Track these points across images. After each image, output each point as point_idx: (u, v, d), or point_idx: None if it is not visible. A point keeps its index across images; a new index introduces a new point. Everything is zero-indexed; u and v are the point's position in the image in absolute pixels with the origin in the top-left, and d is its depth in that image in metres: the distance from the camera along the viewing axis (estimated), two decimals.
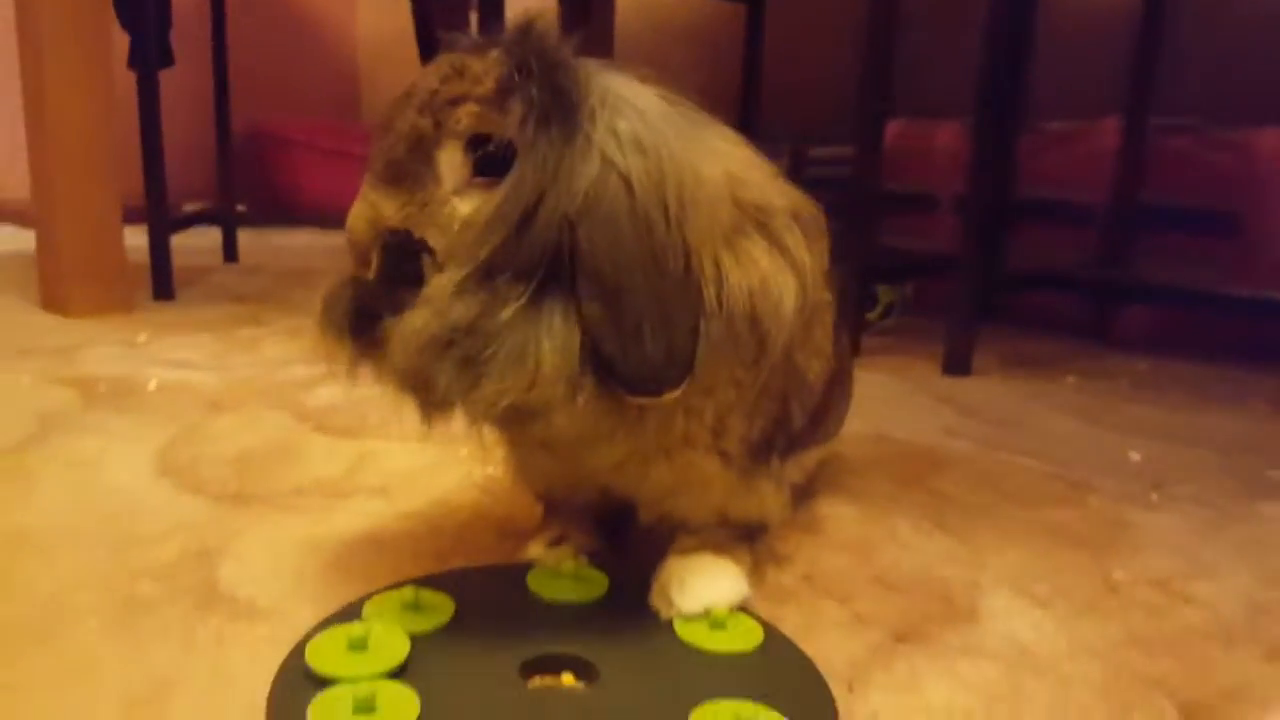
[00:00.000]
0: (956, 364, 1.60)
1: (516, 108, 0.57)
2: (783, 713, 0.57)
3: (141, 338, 1.61)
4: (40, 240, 1.81)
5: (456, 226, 0.60)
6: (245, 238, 2.57)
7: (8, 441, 1.08)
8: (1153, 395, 1.52)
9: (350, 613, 0.67)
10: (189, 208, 2.59)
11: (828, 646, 0.70)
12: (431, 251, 0.60)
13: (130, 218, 1.83)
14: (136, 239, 1.88)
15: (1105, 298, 1.95)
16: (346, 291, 0.63)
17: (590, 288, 0.57)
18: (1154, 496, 1.06)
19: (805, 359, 0.72)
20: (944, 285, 1.67)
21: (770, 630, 0.69)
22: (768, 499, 0.76)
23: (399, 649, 0.61)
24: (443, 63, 0.61)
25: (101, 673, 0.65)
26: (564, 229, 0.56)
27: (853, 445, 1.16)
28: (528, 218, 0.57)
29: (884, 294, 1.87)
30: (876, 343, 1.77)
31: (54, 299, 1.79)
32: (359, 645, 0.61)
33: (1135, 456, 1.20)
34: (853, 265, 1.61)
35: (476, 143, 0.59)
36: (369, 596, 0.69)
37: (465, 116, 0.59)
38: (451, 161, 0.60)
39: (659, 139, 0.59)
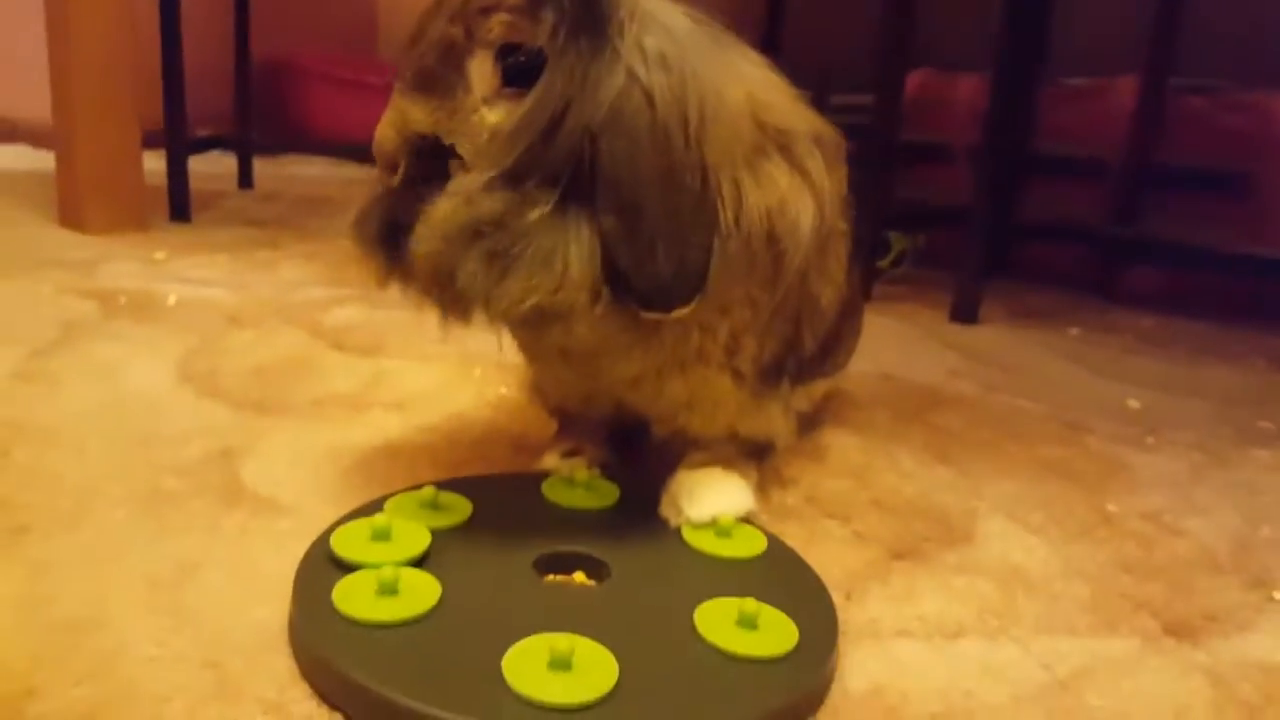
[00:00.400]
0: (964, 312, 1.62)
1: (547, 17, 0.58)
2: (784, 612, 0.60)
3: (159, 255, 1.63)
4: (59, 157, 1.82)
5: (485, 134, 0.61)
6: (260, 166, 2.57)
7: (33, 345, 1.10)
8: (1154, 349, 1.54)
9: (372, 509, 0.69)
10: (205, 134, 2.60)
11: (827, 560, 0.73)
12: (459, 157, 0.62)
13: (147, 143, 1.84)
14: (154, 164, 1.89)
15: (1113, 254, 1.96)
16: (377, 206, 0.65)
17: (608, 200, 0.58)
18: (1150, 440, 1.08)
19: (819, 284, 0.74)
20: (956, 238, 1.68)
21: (774, 540, 0.72)
22: (776, 420, 0.78)
23: (420, 540, 0.64)
24: None
25: (129, 556, 0.67)
26: (587, 139, 0.58)
27: (859, 383, 1.19)
28: (554, 126, 0.58)
29: (896, 242, 1.88)
30: (887, 290, 1.78)
31: (72, 216, 1.80)
32: (382, 535, 0.64)
33: (1134, 404, 1.22)
34: (868, 212, 1.62)
35: (506, 51, 0.60)
36: (390, 495, 0.72)
37: (497, 25, 0.59)
38: (481, 70, 0.61)
39: (683, 56, 0.60)
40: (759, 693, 0.54)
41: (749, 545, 0.70)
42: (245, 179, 2.56)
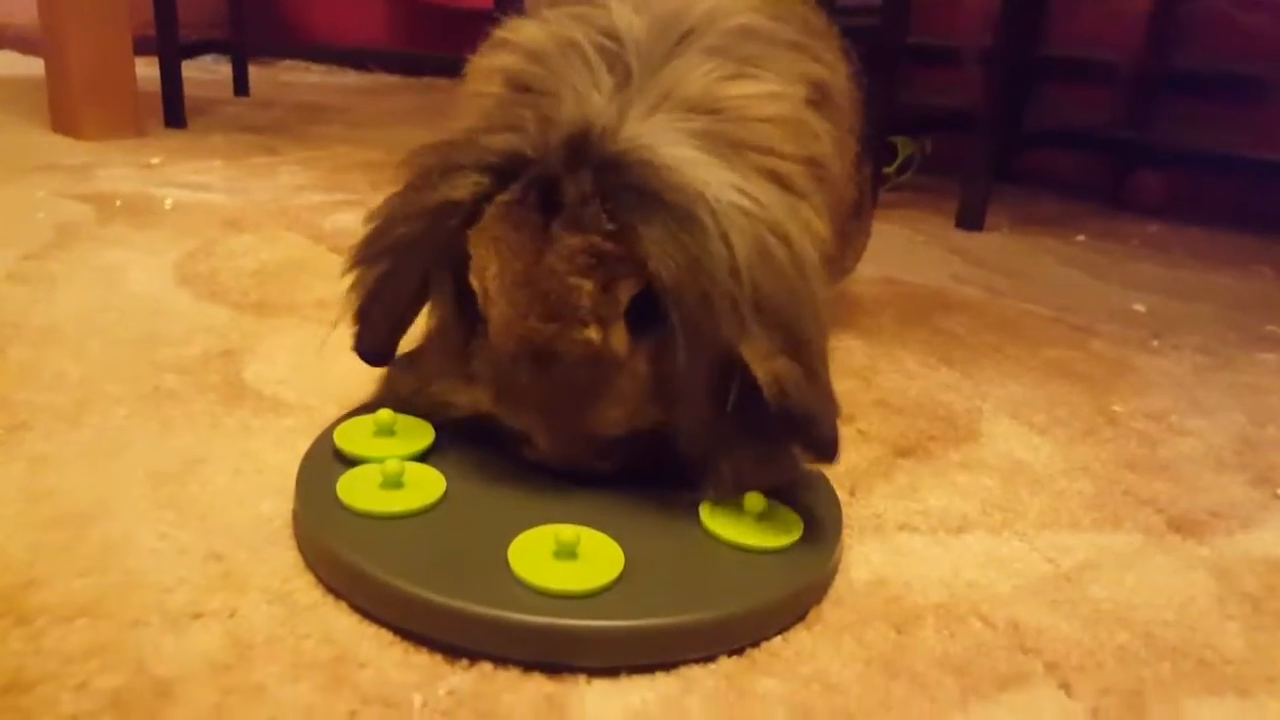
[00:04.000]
0: (970, 219, 1.60)
1: (648, 247, 0.53)
2: (789, 507, 0.60)
3: (155, 160, 1.60)
4: (49, 62, 1.78)
5: (650, 385, 0.57)
6: (256, 73, 2.52)
7: (29, 248, 1.09)
8: (1160, 255, 1.53)
9: (375, 406, 0.69)
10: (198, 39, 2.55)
11: None
12: (660, 423, 0.58)
13: (140, 48, 1.80)
14: (148, 71, 1.85)
15: (1122, 159, 1.93)
16: None
17: (775, 342, 0.53)
18: (1155, 343, 1.07)
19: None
20: (962, 143, 1.65)
21: None
22: None
23: (424, 435, 0.64)
24: (563, 252, 0.54)
25: (131, 452, 0.67)
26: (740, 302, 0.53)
27: (864, 287, 1.18)
28: (711, 325, 0.53)
29: (902, 147, 1.85)
30: (892, 197, 1.76)
31: (64, 121, 1.77)
32: (386, 431, 0.63)
33: (1139, 308, 1.21)
34: (873, 116, 1.59)
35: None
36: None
37: (623, 295, 0.55)
38: (620, 340, 0.56)
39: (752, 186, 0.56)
40: (764, 581, 0.54)
41: None
42: (241, 86, 2.52)
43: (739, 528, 0.57)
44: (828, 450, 0.56)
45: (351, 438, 0.63)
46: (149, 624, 0.50)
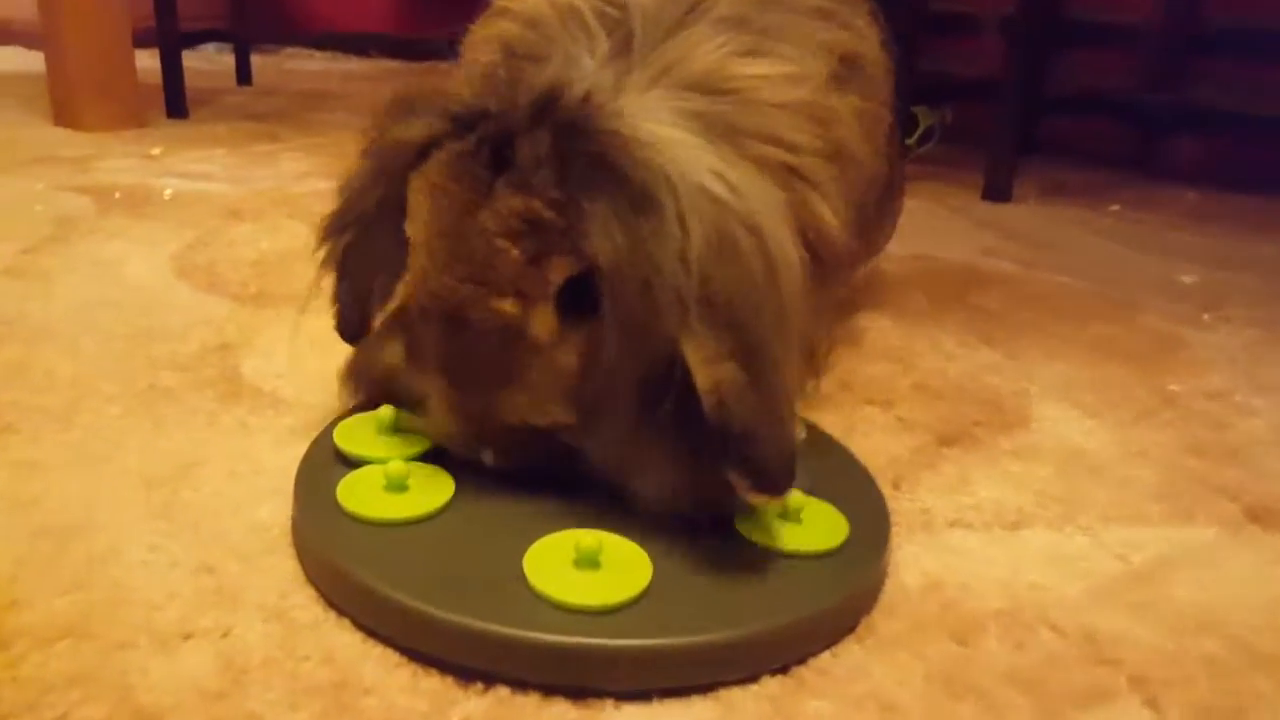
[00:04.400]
0: (996, 190, 1.54)
1: (594, 226, 0.47)
2: (830, 503, 0.55)
3: (156, 151, 1.56)
4: (49, 54, 1.74)
5: (572, 383, 0.51)
6: (259, 62, 2.48)
7: (25, 242, 1.04)
8: (1201, 224, 1.46)
9: (376, 404, 0.64)
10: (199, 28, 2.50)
11: (870, 448, 0.68)
12: (568, 427, 0.53)
13: (141, 41, 1.76)
14: (150, 63, 1.81)
15: (1153, 125, 1.86)
16: None
17: (724, 344, 0.46)
18: (1205, 317, 1.01)
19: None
20: (985, 111, 1.59)
21: (811, 427, 0.66)
22: (818, 324, 0.73)
23: None
24: (499, 211, 0.48)
25: (122, 455, 0.63)
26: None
27: (892, 263, 1.12)
28: (650, 324, 0.47)
29: (923, 118, 1.79)
30: (914, 169, 1.70)
31: (65, 114, 1.73)
32: (388, 429, 0.58)
33: (1186, 279, 1.15)
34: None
35: (566, 285, 0.50)
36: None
37: (556, 274, 0.49)
38: (545, 324, 0.50)
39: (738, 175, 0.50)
40: (809, 590, 0.49)
41: None
42: (244, 75, 2.47)
43: (777, 530, 0.52)
44: (768, 478, 0.47)
45: (352, 437, 0.58)
46: (136, 646, 0.46)
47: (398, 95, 0.54)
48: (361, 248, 0.57)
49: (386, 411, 0.58)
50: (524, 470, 0.54)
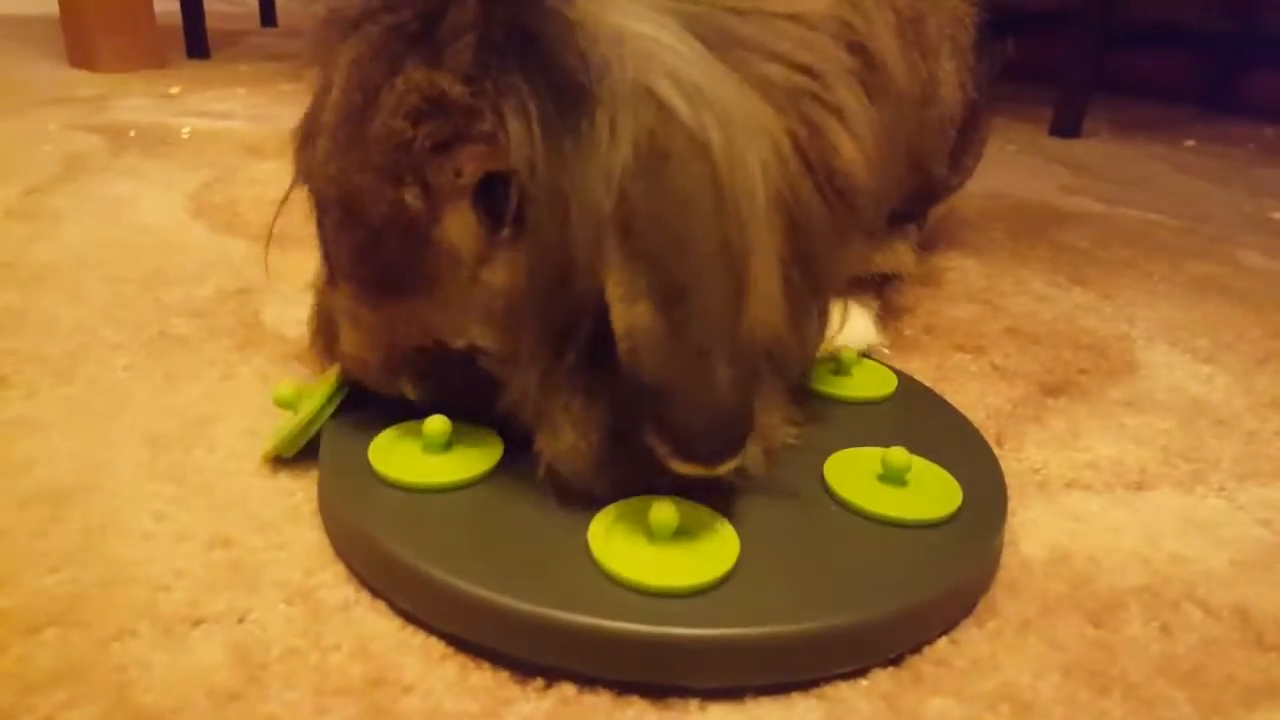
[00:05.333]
0: (1066, 125, 1.45)
1: (514, 125, 0.39)
2: (934, 462, 0.48)
3: (174, 90, 1.48)
4: None
5: (499, 304, 0.44)
6: (284, 3, 2.40)
7: (32, 182, 0.98)
8: None
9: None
10: None
11: (965, 399, 0.60)
12: (485, 351, 0.46)
13: None
14: (171, 5, 1.74)
15: (1227, 57, 1.75)
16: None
17: (642, 281, 0.39)
18: None
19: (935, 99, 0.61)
20: (1046, 45, 1.49)
21: (904, 378, 0.58)
22: (904, 254, 0.66)
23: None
24: (399, 87, 0.41)
25: (128, 410, 0.56)
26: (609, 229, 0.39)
27: (964, 201, 1.03)
28: (569, 243, 0.40)
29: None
30: None
31: (81, 54, 1.66)
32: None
33: (1278, 216, 1.06)
34: None
35: (486, 184, 0.42)
36: None
37: (468, 165, 0.42)
38: (463, 230, 0.43)
39: (720, 92, 0.40)
40: (921, 566, 0.41)
41: (876, 383, 0.57)
42: (268, 17, 2.40)
43: (877, 493, 0.45)
44: (686, 444, 0.40)
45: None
46: (136, 635, 0.39)
47: None
48: None
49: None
50: (447, 404, 0.47)
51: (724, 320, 0.39)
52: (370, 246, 0.44)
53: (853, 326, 0.61)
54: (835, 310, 0.56)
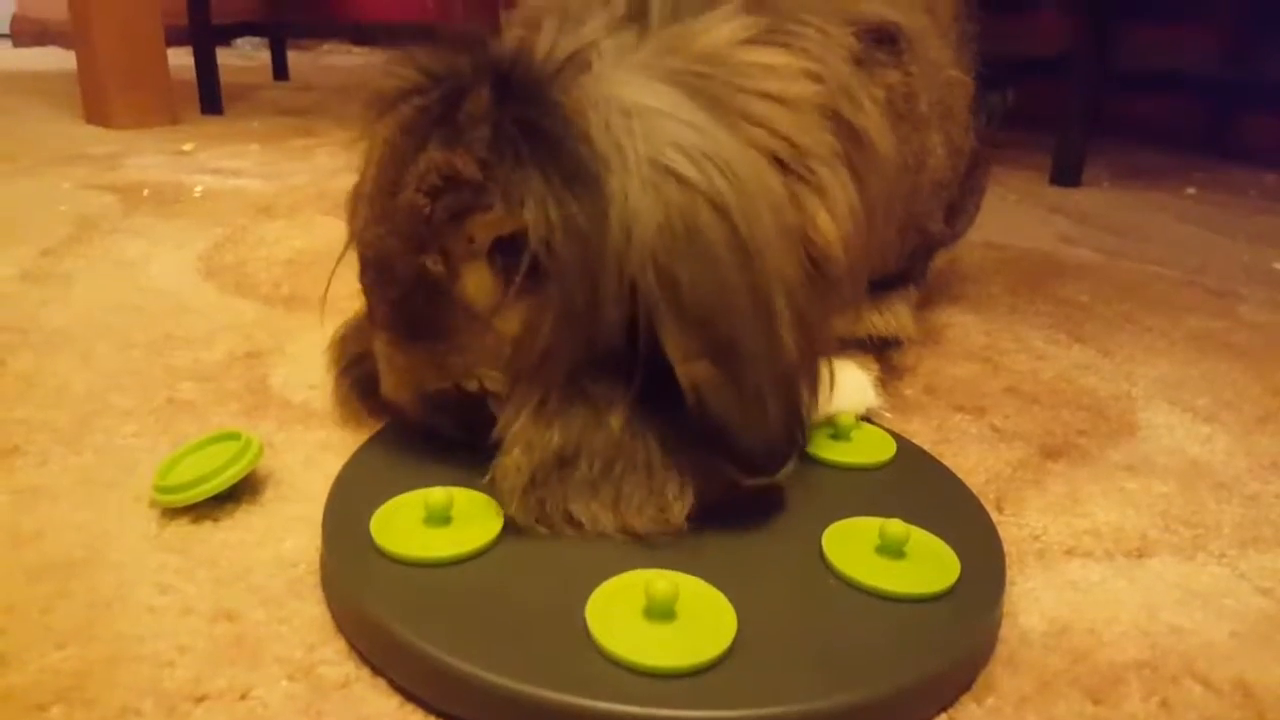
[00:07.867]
0: (1066, 173, 1.46)
1: (529, 197, 0.45)
2: (932, 532, 0.48)
3: (188, 147, 1.51)
4: (79, 51, 1.70)
5: (507, 351, 0.49)
6: (296, 58, 2.45)
7: (44, 244, 0.99)
8: None
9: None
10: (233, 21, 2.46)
11: (965, 463, 0.60)
12: (494, 394, 0.50)
13: (177, 39, 1.71)
14: (185, 60, 1.77)
15: (1227, 102, 1.76)
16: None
17: (694, 344, 0.45)
18: None
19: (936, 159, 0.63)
20: (1047, 93, 1.51)
21: (904, 442, 0.59)
22: (903, 316, 0.67)
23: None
24: (420, 166, 0.46)
25: (135, 480, 0.57)
26: (630, 287, 0.45)
27: (965, 250, 1.04)
28: (590, 301, 0.46)
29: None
30: None
31: (96, 111, 1.69)
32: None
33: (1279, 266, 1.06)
34: None
35: (500, 247, 0.47)
36: None
37: (480, 233, 0.47)
38: (479, 287, 0.48)
39: (717, 146, 0.46)
40: (920, 641, 0.41)
41: (875, 449, 0.57)
42: (280, 70, 2.43)
43: (875, 566, 0.45)
44: (754, 465, 0.47)
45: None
46: (140, 714, 0.40)
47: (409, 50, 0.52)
48: None
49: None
50: (465, 440, 0.51)
51: (767, 359, 0.46)
52: (400, 301, 0.49)
53: (852, 390, 0.61)
54: (826, 373, 0.57)
